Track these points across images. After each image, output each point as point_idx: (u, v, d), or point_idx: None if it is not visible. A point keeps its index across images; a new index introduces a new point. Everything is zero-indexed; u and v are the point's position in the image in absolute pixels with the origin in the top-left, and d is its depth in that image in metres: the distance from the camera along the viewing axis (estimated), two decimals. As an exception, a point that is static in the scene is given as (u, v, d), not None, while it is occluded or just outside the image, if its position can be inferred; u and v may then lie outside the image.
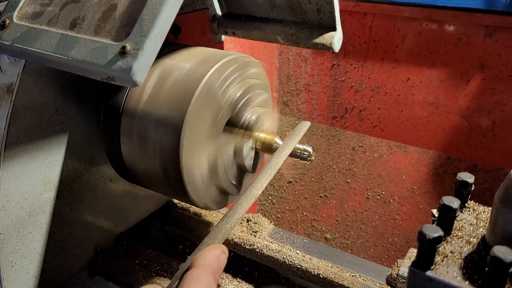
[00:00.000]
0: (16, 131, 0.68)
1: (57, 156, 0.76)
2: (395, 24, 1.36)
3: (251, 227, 0.99)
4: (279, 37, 0.92)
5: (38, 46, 0.60)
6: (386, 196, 1.53)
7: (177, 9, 0.56)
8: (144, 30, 0.54)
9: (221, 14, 1.02)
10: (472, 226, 0.52)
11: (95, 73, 0.56)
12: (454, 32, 1.29)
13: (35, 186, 0.73)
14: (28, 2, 0.64)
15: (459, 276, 0.45)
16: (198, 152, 0.72)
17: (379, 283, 0.84)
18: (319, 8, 0.84)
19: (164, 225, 1.05)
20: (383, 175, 1.53)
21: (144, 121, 0.73)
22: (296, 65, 1.58)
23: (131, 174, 0.80)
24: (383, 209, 1.55)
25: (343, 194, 1.61)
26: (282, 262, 0.88)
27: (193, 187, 0.73)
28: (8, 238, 0.70)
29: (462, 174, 0.54)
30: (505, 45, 1.23)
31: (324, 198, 1.64)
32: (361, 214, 1.59)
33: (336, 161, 1.60)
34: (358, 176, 1.57)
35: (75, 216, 0.83)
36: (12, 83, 0.66)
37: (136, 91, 0.74)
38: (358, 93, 1.50)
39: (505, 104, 1.28)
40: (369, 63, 1.45)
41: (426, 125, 1.42)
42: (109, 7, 0.59)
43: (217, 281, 0.49)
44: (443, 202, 0.49)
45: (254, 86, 0.79)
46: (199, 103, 0.69)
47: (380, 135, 1.51)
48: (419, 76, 1.38)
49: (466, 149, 1.37)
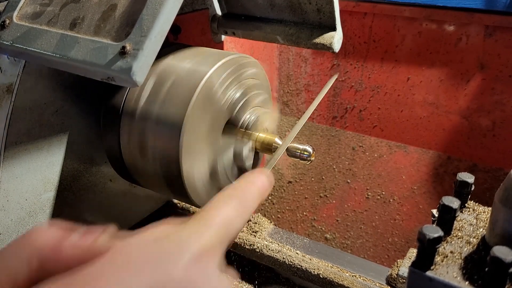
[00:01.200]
0: (16, 131, 0.68)
1: (57, 156, 0.76)
2: (395, 24, 1.36)
3: (251, 227, 0.99)
4: (279, 37, 0.92)
5: (38, 46, 0.60)
6: (386, 196, 1.53)
7: (177, 9, 0.56)
8: (144, 30, 0.54)
9: (221, 14, 1.02)
10: (472, 226, 0.52)
11: (95, 73, 0.56)
12: (454, 32, 1.29)
13: (35, 186, 0.73)
14: (28, 2, 0.64)
15: (459, 276, 0.45)
16: (198, 152, 0.72)
17: (379, 283, 0.84)
18: (319, 8, 0.84)
19: (164, 225, 1.05)
20: (383, 175, 1.53)
21: (143, 121, 0.73)
22: (296, 65, 1.58)
23: (131, 174, 0.80)
24: (383, 209, 1.54)
25: (343, 194, 1.61)
26: (282, 262, 0.88)
27: (193, 186, 0.73)
28: (8, 238, 0.70)
29: (462, 174, 0.54)
30: (505, 45, 1.23)
31: (324, 198, 1.64)
32: (361, 214, 1.59)
33: (336, 161, 1.60)
34: (358, 176, 1.57)
35: (75, 216, 0.83)
36: (12, 83, 0.66)
37: (136, 91, 0.74)
38: (358, 93, 1.50)
39: (505, 104, 1.28)
40: (369, 63, 1.45)
41: (426, 125, 1.42)
42: (109, 7, 0.59)
43: (261, 200, 0.39)
44: (443, 202, 0.49)
45: (253, 86, 0.79)
46: (199, 103, 0.69)
47: (380, 135, 1.51)
48: (419, 76, 1.38)
49: (466, 149, 1.37)
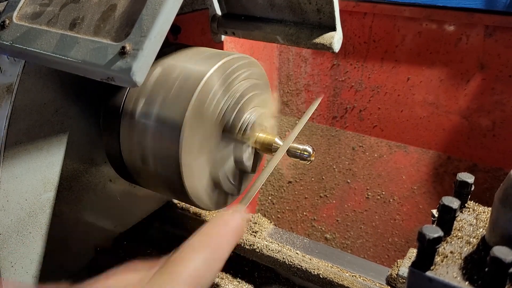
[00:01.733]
0: (16, 131, 0.68)
1: (57, 156, 0.75)
2: (395, 24, 1.36)
3: (251, 227, 0.99)
4: (279, 37, 0.92)
5: (38, 46, 0.60)
6: (386, 196, 1.53)
7: (177, 9, 0.56)
8: (143, 30, 0.54)
9: (221, 14, 1.02)
10: (472, 226, 0.52)
11: (95, 73, 0.56)
12: (454, 32, 1.29)
13: (35, 186, 0.73)
14: (28, 2, 0.64)
15: (459, 276, 0.45)
16: (198, 152, 0.72)
17: (379, 283, 0.84)
18: (319, 8, 0.84)
19: (164, 225, 1.05)
20: (383, 175, 1.53)
21: (143, 122, 0.73)
22: (296, 65, 1.58)
23: (131, 174, 0.80)
24: (383, 209, 1.54)
25: (343, 194, 1.61)
26: (282, 262, 0.88)
27: (193, 186, 0.73)
28: (8, 238, 0.70)
29: (462, 174, 0.54)
30: (505, 45, 1.23)
31: (324, 198, 1.64)
32: (361, 214, 1.59)
33: (336, 161, 1.60)
34: (358, 176, 1.57)
35: (75, 216, 0.83)
36: (12, 83, 0.66)
37: (136, 91, 0.74)
38: (358, 93, 1.50)
39: (505, 104, 1.28)
40: (369, 63, 1.45)
41: (426, 125, 1.42)
42: (108, 7, 0.59)
43: (235, 242, 0.38)
44: (443, 202, 0.49)
45: (253, 86, 0.79)
46: (199, 103, 0.69)
47: (380, 135, 1.51)
48: (419, 76, 1.38)
49: (466, 149, 1.37)
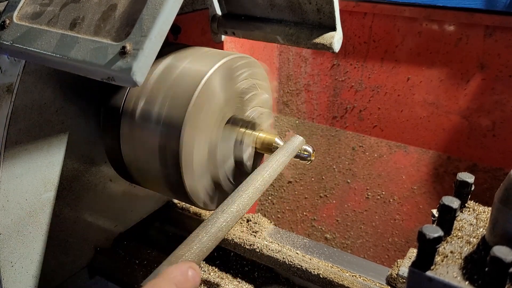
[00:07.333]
0: (16, 131, 0.68)
1: (57, 156, 0.76)
2: (395, 24, 1.36)
3: (251, 227, 0.99)
4: (279, 37, 0.92)
5: (38, 46, 0.60)
6: (386, 196, 1.53)
7: (177, 9, 0.56)
8: (144, 30, 0.54)
9: (221, 14, 1.02)
10: (472, 226, 0.52)
11: (95, 73, 0.56)
12: (454, 32, 1.29)
13: (35, 186, 0.73)
14: (28, 2, 0.64)
15: (459, 276, 0.45)
16: (198, 151, 0.72)
17: (379, 283, 0.84)
18: (319, 8, 0.84)
19: (164, 225, 1.05)
20: (383, 175, 1.53)
21: (143, 121, 0.73)
22: (296, 65, 1.58)
23: (131, 174, 0.80)
24: (383, 209, 1.54)
25: (343, 194, 1.61)
26: (282, 262, 0.88)
27: (193, 186, 0.73)
28: (8, 238, 0.70)
29: (462, 174, 0.54)
30: (505, 45, 1.23)
31: (324, 198, 1.64)
32: (361, 214, 1.59)
33: (336, 161, 1.60)
34: (358, 176, 1.57)
35: (75, 216, 0.83)
36: (12, 83, 0.66)
37: (136, 91, 0.74)
38: (358, 93, 1.50)
39: (505, 104, 1.28)
40: (369, 63, 1.45)
41: (426, 125, 1.42)
42: (109, 7, 0.59)
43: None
44: (443, 202, 0.49)
45: (253, 86, 0.79)
46: (199, 103, 0.69)
47: (380, 135, 1.51)
48: (419, 76, 1.38)
49: (466, 149, 1.37)
